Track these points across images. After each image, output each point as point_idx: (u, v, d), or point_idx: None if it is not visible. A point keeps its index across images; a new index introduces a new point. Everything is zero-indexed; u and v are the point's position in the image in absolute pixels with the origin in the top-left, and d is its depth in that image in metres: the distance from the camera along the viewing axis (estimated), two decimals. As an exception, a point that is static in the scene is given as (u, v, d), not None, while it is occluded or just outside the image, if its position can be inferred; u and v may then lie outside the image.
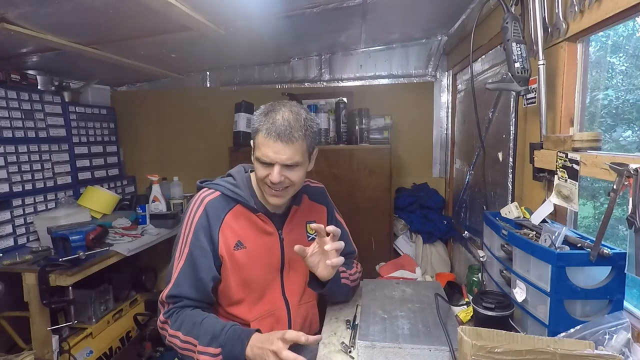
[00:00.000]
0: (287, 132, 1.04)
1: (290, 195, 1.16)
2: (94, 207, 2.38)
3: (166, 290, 1.10)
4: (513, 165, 1.50)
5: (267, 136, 1.05)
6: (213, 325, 1.04)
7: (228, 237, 1.14)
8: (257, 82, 2.84)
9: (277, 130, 1.04)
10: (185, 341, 1.04)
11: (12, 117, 2.09)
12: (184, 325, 1.06)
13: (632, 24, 1.09)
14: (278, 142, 1.04)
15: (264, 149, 1.06)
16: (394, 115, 2.51)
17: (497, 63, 1.67)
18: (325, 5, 1.72)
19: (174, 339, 1.07)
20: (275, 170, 1.06)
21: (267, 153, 1.05)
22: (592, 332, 0.79)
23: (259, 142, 1.07)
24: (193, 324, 1.05)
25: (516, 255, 1.04)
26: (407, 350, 0.96)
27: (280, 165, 1.06)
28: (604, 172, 0.85)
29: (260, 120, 1.08)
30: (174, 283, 1.10)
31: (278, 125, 1.04)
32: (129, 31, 1.82)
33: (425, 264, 2.38)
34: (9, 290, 1.78)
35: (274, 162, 1.06)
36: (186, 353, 1.05)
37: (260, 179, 1.11)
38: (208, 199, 1.16)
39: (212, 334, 1.02)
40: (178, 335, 1.06)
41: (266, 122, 1.06)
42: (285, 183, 1.09)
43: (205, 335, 1.02)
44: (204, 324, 1.04)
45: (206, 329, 1.03)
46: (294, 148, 1.06)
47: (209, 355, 1.00)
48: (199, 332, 1.03)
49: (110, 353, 2.18)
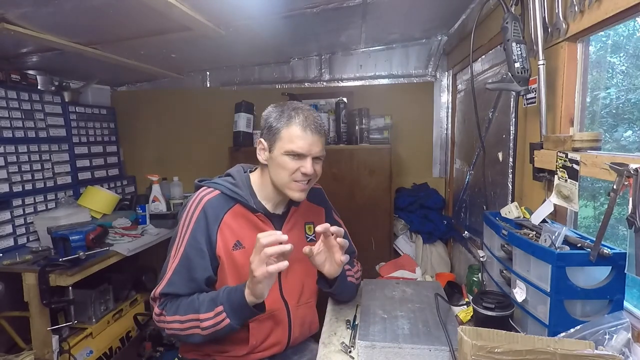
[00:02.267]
0: (320, 126, 1.13)
1: (308, 190, 1.19)
2: (94, 207, 2.38)
3: (159, 287, 1.11)
4: (513, 165, 1.50)
5: (305, 129, 1.10)
6: (209, 295, 1.07)
7: (227, 237, 1.14)
8: (257, 82, 2.84)
9: (313, 123, 1.11)
10: (187, 320, 1.05)
11: (12, 117, 2.09)
12: (180, 308, 1.07)
13: (632, 23, 1.09)
14: (315, 134, 1.11)
15: (299, 141, 1.10)
16: (394, 115, 2.51)
17: (497, 63, 1.67)
18: (325, 5, 1.72)
19: (174, 324, 1.07)
20: (309, 162, 1.11)
21: (303, 145, 1.10)
22: (592, 332, 0.79)
23: (292, 136, 1.10)
24: (189, 303, 1.07)
25: (516, 255, 1.04)
26: (407, 350, 0.96)
27: (312, 158, 1.12)
28: (604, 172, 0.85)
29: (289, 115, 1.12)
30: (167, 281, 1.10)
31: (312, 120, 1.11)
32: (129, 31, 1.82)
33: (425, 264, 2.38)
34: (9, 290, 1.79)
35: (309, 154, 1.11)
36: (190, 332, 1.06)
37: (289, 173, 1.12)
38: (207, 198, 1.15)
39: (210, 299, 1.05)
40: (177, 319, 1.06)
41: (297, 116, 1.11)
42: (313, 175, 1.14)
43: (203, 304, 1.05)
44: (200, 297, 1.07)
45: (203, 299, 1.06)
46: (322, 142, 1.15)
47: (211, 319, 1.02)
48: (197, 305, 1.05)
49: (110, 353, 2.18)
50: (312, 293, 1.28)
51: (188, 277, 1.10)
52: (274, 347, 1.20)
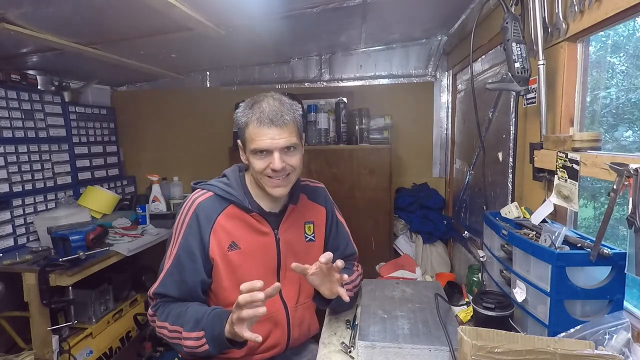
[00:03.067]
0: (278, 116, 1.06)
1: (292, 183, 1.15)
2: (94, 207, 2.38)
3: (153, 287, 1.13)
4: (513, 165, 1.50)
5: (260, 125, 1.05)
6: (197, 311, 1.06)
7: (221, 238, 1.13)
8: (257, 82, 2.84)
9: (268, 116, 1.05)
10: (173, 330, 1.06)
11: (12, 117, 2.09)
12: (170, 316, 1.08)
13: (632, 23, 1.09)
14: (272, 127, 1.05)
15: (260, 138, 1.06)
16: (394, 115, 2.51)
17: (497, 63, 1.67)
18: (325, 5, 1.72)
19: (162, 330, 1.09)
20: (276, 156, 1.06)
21: (264, 141, 1.05)
22: (592, 332, 0.79)
23: (252, 134, 1.07)
24: (178, 314, 1.07)
25: (516, 255, 1.04)
26: (407, 350, 0.96)
27: (279, 151, 1.07)
28: (604, 172, 0.85)
29: (247, 113, 1.08)
30: (160, 282, 1.12)
31: (268, 112, 1.06)
32: (129, 31, 1.82)
33: (425, 264, 2.38)
34: (9, 290, 1.79)
35: (273, 149, 1.06)
36: (175, 342, 1.07)
37: (259, 171, 1.10)
38: (199, 201, 1.15)
39: (195, 320, 1.03)
40: (166, 326, 1.07)
41: (254, 113, 1.07)
42: (287, 170, 1.10)
43: (189, 322, 1.04)
44: (188, 312, 1.06)
45: (190, 316, 1.05)
46: (288, 130, 1.07)
47: (193, 340, 1.02)
48: (183, 320, 1.05)
49: (110, 353, 2.18)
50: (310, 294, 1.27)
51: (179, 279, 1.11)
52: (273, 349, 1.20)
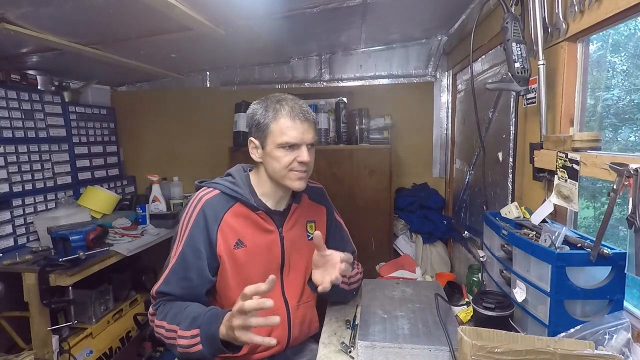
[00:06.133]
0: (308, 113, 1.13)
1: (307, 178, 1.19)
2: (94, 207, 2.38)
3: (156, 286, 1.12)
4: (513, 165, 1.50)
5: (293, 119, 1.10)
6: (195, 310, 1.05)
7: (228, 236, 1.14)
8: (257, 82, 2.84)
9: (300, 111, 1.10)
10: (170, 330, 1.05)
11: (12, 117, 2.09)
12: (168, 315, 1.07)
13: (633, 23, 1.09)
14: (305, 122, 1.11)
15: (291, 132, 1.09)
16: (394, 115, 2.51)
17: (497, 63, 1.67)
18: (325, 5, 1.72)
19: (160, 329, 1.07)
20: (304, 150, 1.11)
21: (295, 135, 1.10)
22: (592, 332, 0.79)
23: (282, 128, 1.10)
24: (176, 313, 1.06)
25: (516, 255, 1.04)
26: (407, 350, 0.96)
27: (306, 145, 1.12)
28: (604, 172, 0.85)
29: (275, 108, 1.12)
30: (164, 280, 1.11)
31: (298, 109, 1.11)
32: (129, 31, 1.82)
33: (425, 264, 2.38)
34: (9, 290, 1.78)
35: (302, 143, 1.11)
36: (172, 342, 1.05)
37: (285, 166, 1.12)
38: (206, 198, 1.15)
39: (192, 318, 1.02)
40: (163, 325, 1.06)
41: (283, 108, 1.11)
42: (310, 164, 1.14)
43: (186, 320, 1.03)
44: (186, 311, 1.05)
45: (187, 314, 1.04)
46: (313, 128, 1.14)
47: (187, 339, 1.00)
48: (180, 318, 1.04)
49: (110, 353, 2.18)
50: (312, 293, 1.27)
51: (183, 276, 1.10)
52: (273, 347, 1.20)
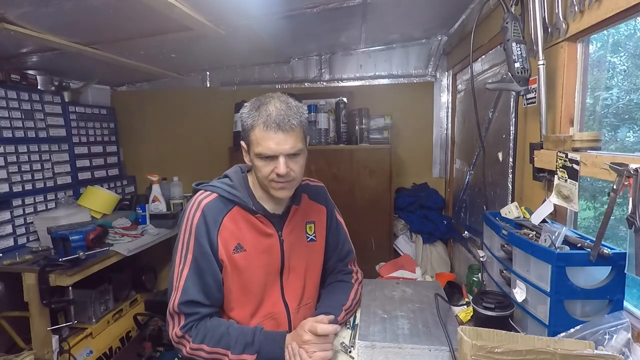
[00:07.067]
0: (285, 120, 1.02)
1: (295, 186, 1.14)
2: (94, 207, 2.38)
3: (175, 300, 1.05)
4: (513, 165, 1.50)
5: (267, 129, 1.02)
6: (241, 331, 1.05)
7: (227, 240, 1.11)
8: (257, 82, 2.84)
9: (275, 120, 1.02)
10: (213, 352, 1.03)
11: (12, 117, 2.09)
12: (207, 338, 1.04)
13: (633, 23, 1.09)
14: (279, 132, 1.02)
15: (265, 142, 1.02)
16: (394, 115, 2.51)
17: (497, 63, 1.67)
18: (325, 5, 1.72)
19: (197, 352, 1.04)
20: (281, 161, 1.03)
21: (270, 145, 1.02)
22: (592, 332, 0.79)
23: (258, 138, 1.04)
24: (220, 335, 1.04)
25: (516, 255, 1.04)
26: (407, 350, 0.96)
27: (285, 156, 1.04)
28: (604, 172, 0.85)
29: (253, 115, 1.05)
30: (182, 290, 1.05)
31: (275, 116, 1.02)
32: (129, 31, 1.82)
33: (425, 264, 2.38)
34: (9, 290, 1.78)
35: (278, 154, 1.03)
36: None
37: (264, 176, 1.07)
38: (205, 202, 1.12)
39: (244, 342, 1.03)
40: (202, 348, 1.04)
41: (260, 116, 1.04)
42: (290, 175, 1.07)
43: (238, 344, 1.02)
44: (231, 334, 1.04)
45: (237, 338, 1.03)
46: (294, 136, 1.04)
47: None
48: (228, 342, 1.03)
49: (110, 353, 2.18)
50: (312, 294, 1.27)
51: (201, 282, 1.08)
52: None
